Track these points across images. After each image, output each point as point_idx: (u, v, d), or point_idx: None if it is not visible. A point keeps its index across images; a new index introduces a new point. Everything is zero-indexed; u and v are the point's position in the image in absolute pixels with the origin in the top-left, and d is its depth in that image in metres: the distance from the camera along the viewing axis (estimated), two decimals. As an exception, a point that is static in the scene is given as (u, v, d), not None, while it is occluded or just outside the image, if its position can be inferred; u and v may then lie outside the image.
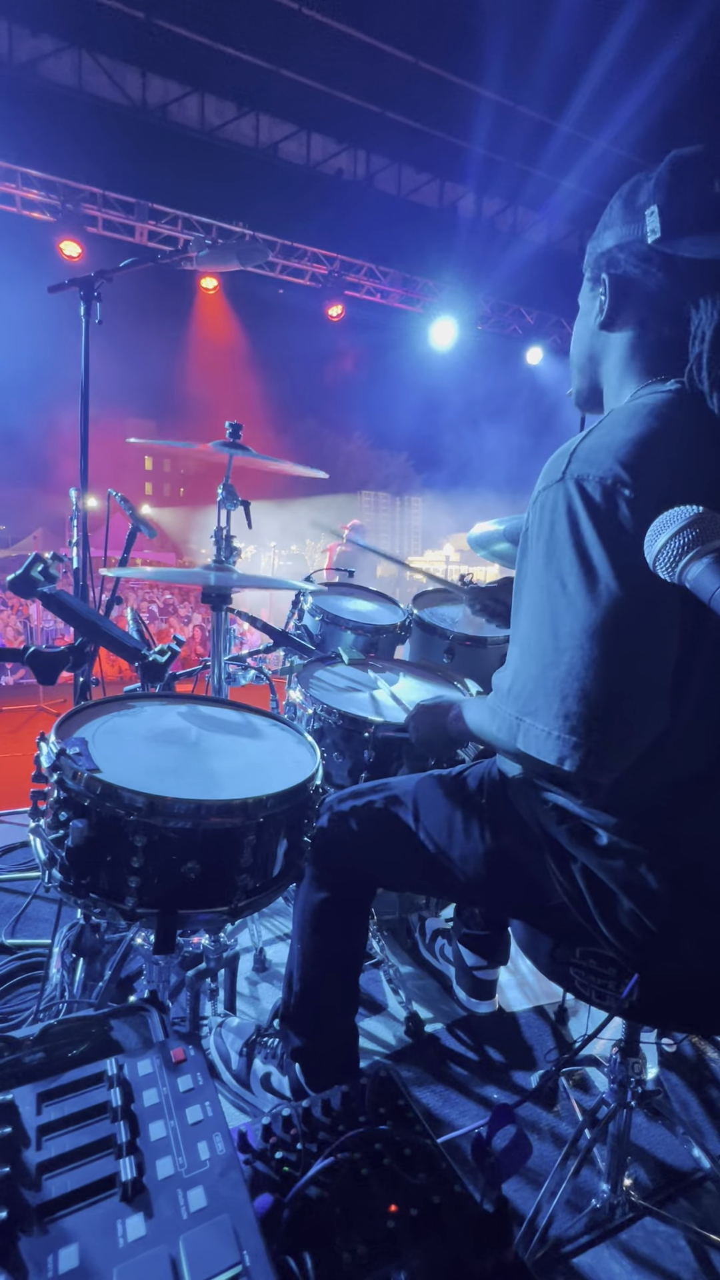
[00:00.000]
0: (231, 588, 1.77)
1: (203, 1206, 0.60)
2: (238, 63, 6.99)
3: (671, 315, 0.97)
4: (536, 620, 0.91)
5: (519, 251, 9.46)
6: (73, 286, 2.49)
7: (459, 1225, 0.72)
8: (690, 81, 6.30)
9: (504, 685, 0.97)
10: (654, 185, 0.95)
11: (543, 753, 0.89)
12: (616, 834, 0.99)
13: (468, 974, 1.79)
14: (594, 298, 1.04)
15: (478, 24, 6.11)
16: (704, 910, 0.96)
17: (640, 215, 0.95)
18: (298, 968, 1.33)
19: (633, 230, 0.96)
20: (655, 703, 0.88)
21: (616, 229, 0.99)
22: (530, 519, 0.95)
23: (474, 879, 1.16)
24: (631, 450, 0.87)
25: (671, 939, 0.97)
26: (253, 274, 9.05)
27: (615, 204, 1.01)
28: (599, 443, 0.90)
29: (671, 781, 0.95)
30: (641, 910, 0.97)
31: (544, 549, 0.90)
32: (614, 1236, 1.24)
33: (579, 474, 0.87)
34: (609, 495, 0.85)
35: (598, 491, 0.85)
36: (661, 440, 0.89)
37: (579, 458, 0.89)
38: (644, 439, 0.88)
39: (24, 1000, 1.68)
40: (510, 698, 0.95)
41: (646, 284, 0.97)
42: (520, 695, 0.93)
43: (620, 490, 0.84)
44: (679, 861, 0.96)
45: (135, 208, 7.82)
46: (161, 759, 1.19)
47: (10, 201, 7.47)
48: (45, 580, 1.29)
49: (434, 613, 2.45)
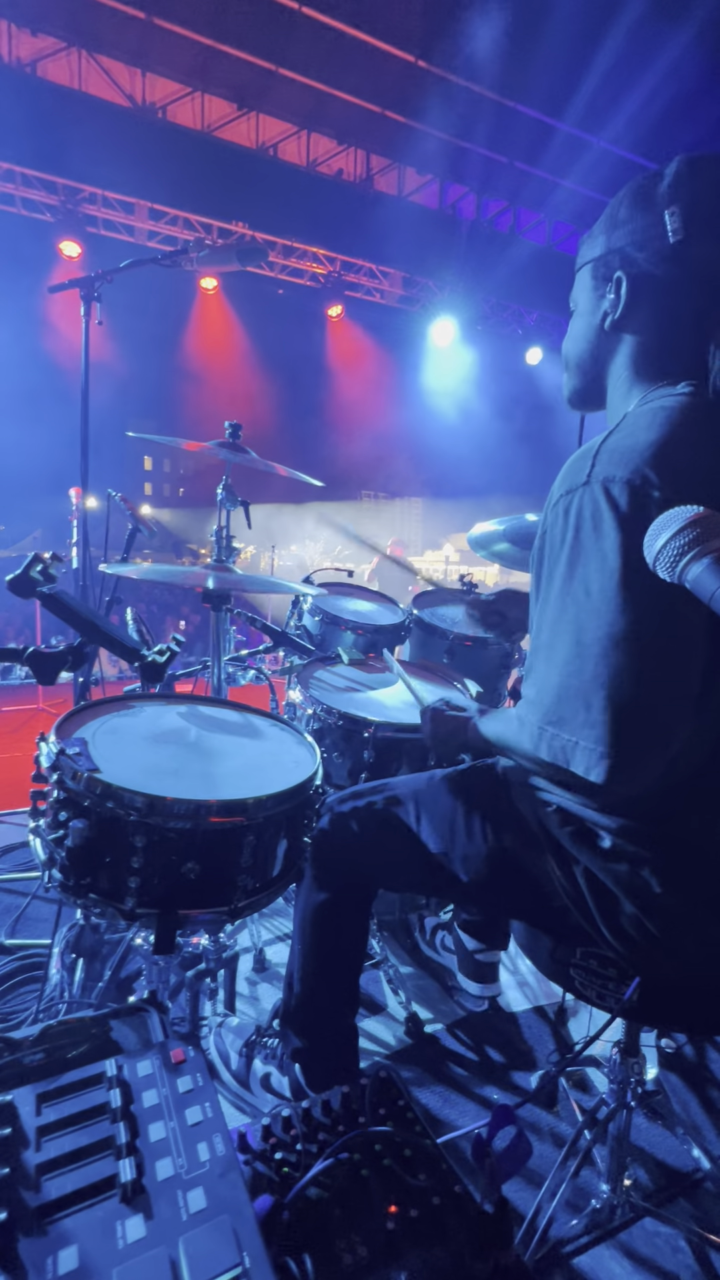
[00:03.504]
0: (231, 588, 1.77)
1: (202, 1208, 0.60)
2: (237, 62, 6.98)
3: (687, 316, 0.97)
4: (558, 628, 0.90)
5: (519, 251, 9.44)
6: (73, 286, 2.49)
7: (459, 1226, 0.72)
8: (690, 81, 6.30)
9: (529, 694, 0.96)
10: (671, 185, 0.94)
11: (569, 763, 0.88)
12: (620, 837, 0.98)
13: (469, 959, 1.79)
14: (599, 296, 1.04)
15: (478, 24, 6.10)
16: (706, 914, 0.96)
17: (659, 215, 0.94)
18: (298, 968, 1.33)
19: (651, 230, 0.95)
20: (682, 711, 0.86)
21: (629, 228, 0.98)
22: (550, 524, 0.93)
23: (475, 880, 1.16)
24: (657, 452, 0.86)
25: (673, 942, 0.97)
26: (253, 274, 9.04)
27: (624, 202, 0.99)
28: (622, 445, 0.89)
29: (677, 783, 0.94)
30: (643, 913, 0.97)
31: (568, 555, 0.89)
32: (614, 1237, 1.24)
33: (605, 476, 0.86)
34: (637, 497, 0.83)
35: (624, 494, 0.84)
36: (685, 443, 0.88)
37: (603, 460, 0.88)
38: (668, 441, 0.87)
39: (24, 1001, 1.68)
40: (534, 707, 0.93)
41: (665, 284, 0.96)
42: (543, 704, 0.91)
43: (649, 493, 0.83)
44: (682, 865, 0.96)
45: (135, 208, 7.83)
46: (161, 759, 1.19)
47: (10, 201, 7.47)
48: (45, 580, 1.28)
49: (434, 613, 2.45)
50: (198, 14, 6.43)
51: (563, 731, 0.88)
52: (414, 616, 2.39)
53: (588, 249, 1.06)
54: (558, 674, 0.89)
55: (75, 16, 6.57)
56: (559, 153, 7.74)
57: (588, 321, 1.07)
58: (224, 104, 7.67)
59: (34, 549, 1.30)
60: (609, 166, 7.71)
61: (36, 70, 6.90)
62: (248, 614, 2.19)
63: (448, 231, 9.19)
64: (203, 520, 14.56)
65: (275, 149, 8.13)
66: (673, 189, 0.94)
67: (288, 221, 8.41)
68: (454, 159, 8.35)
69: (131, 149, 7.28)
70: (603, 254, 1.02)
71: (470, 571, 5.94)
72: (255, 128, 7.96)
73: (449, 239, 9.18)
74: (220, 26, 6.57)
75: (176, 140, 7.55)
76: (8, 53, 6.72)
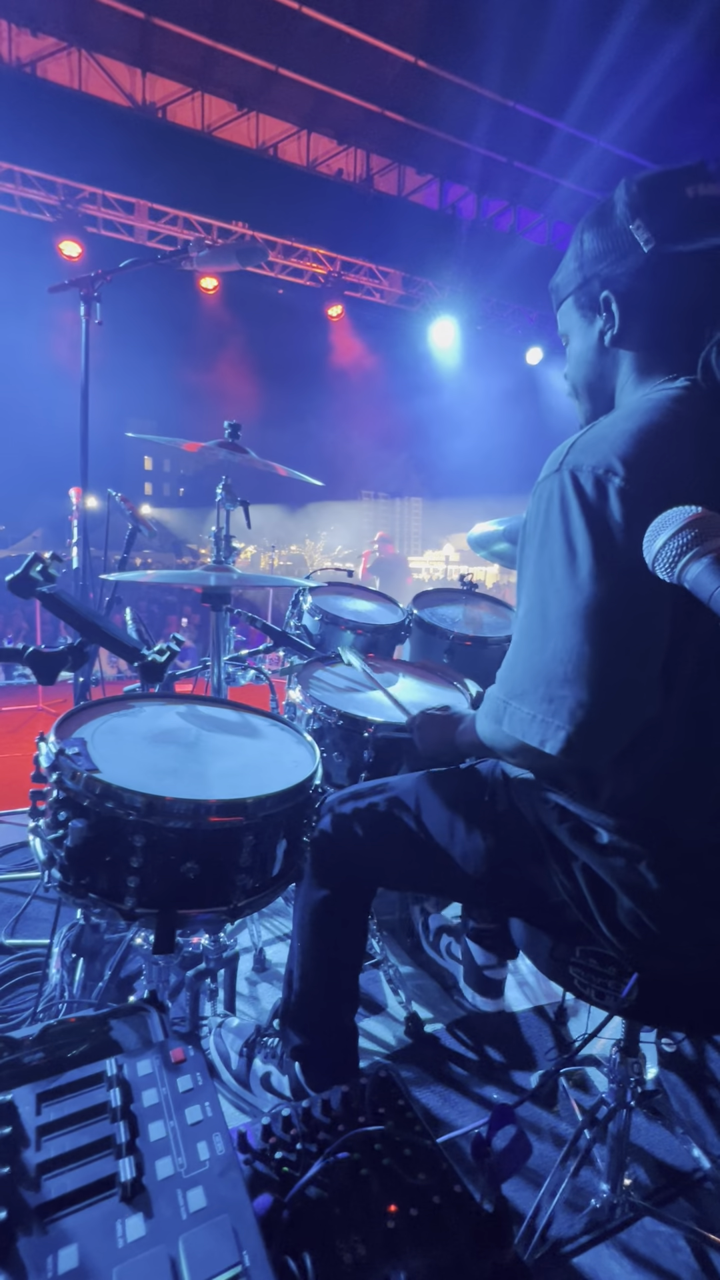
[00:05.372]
0: (231, 588, 1.77)
1: (202, 1207, 0.60)
2: (237, 62, 6.98)
3: (681, 313, 0.99)
4: (530, 608, 0.93)
5: (519, 251, 9.44)
6: (73, 286, 2.49)
7: (459, 1225, 0.72)
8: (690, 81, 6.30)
9: (500, 673, 1.00)
10: (627, 205, 0.99)
11: (525, 735, 0.91)
12: (616, 833, 0.99)
13: (476, 972, 1.79)
14: (590, 322, 1.07)
15: (477, 24, 6.10)
16: (704, 910, 0.96)
17: (625, 233, 0.99)
18: (298, 967, 1.33)
19: (623, 247, 1.00)
20: (642, 693, 0.88)
21: (599, 251, 1.02)
22: (529, 509, 0.97)
23: (475, 878, 1.16)
24: (628, 441, 0.88)
25: (671, 938, 0.97)
26: (253, 274, 9.05)
27: (585, 234, 1.04)
28: (599, 435, 0.92)
29: (670, 779, 0.95)
30: (641, 909, 0.97)
31: (538, 537, 0.93)
32: (614, 1236, 1.24)
33: (574, 464, 0.90)
34: (599, 486, 0.86)
35: (589, 482, 0.87)
36: (662, 432, 0.90)
37: (577, 449, 0.92)
38: (643, 430, 0.89)
39: (24, 1000, 1.68)
40: (502, 683, 0.98)
41: (652, 290, 1.00)
42: (509, 679, 0.95)
43: (611, 480, 0.86)
44: (679, 861, 0.96)
45: (135, 208, 7.83)
46: (161, 759, 1.19)
47: (10, 201, 7.47)
48: (44, 580, 1.28)
49: (434, 613, 2.45)
50: (198, 14, 6.43)
51: (523, 705, 0.91)
52: (414, 616, 2.39)
53: (564, 284, 1.10)
54: (524, 651, 0.93)
55: (75, 16, 6.58)
56: (559, 153, 7.74)
57: (585, 344, 1.10)
58: (224, 104, 7.68)
59: (34, 549, 1.30)
60: (609, 166, 7.71)
61: (36, 70, 6.91)
62: (248, 614, 2.19)
63: (448, 231, 9.20)
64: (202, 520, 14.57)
65: (275, 149, 8.13)
66: (629, 208, 0.99)
67: (288, 221, 8.42)
68: (454, 159, 8.35)
69: (131, 149, 7.28)
70: (582, 283, 1.06)
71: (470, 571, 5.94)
72: (255, 128, 7.96)
73: (449, 239, 9.19)
74: (220, 26, 6.57)
75: (176, 140, 7.55)
76: (8, 53, 6.72)
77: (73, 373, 2.54)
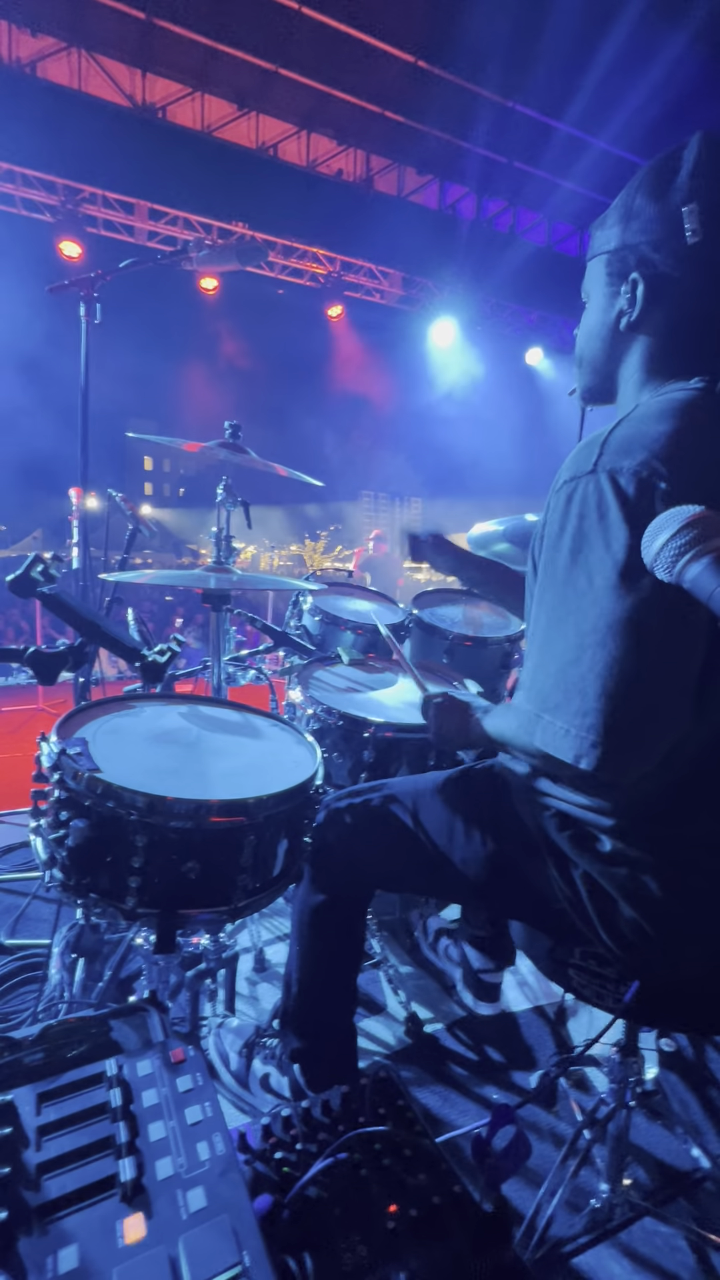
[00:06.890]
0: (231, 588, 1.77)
1: (202, 1207, 0.60)
2: (237, 63, 6.98)
3: (704, 315, 0.96)
4: (556, 616, 0.89)
5: (519, 251, 9.43)
6: (73, 287, 2.48)
7: (459, 1226, 0.72)
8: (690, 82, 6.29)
9: (526, 682, 0.95)
10: (690, 174, 0.92)
11: (560, 750, 0.87)
12: (620, 840, 0.97)
13: (473, 976, 1.78)
14: (614, 294, 1.02)
15: (477, 24, 6.09)
16: (705, 917, 0.96)
17: (675, 212, 0.92)
18: (296, 969, 1.33)
19: (667, 228, 0.93)
20: (678, 705, 0.86)
21: (644, 221, 0.96)
22: (552, 510, 0.93)
23: (474, 881, 1.16)
24: (666, 444, 0.85)
25: (671, 945, 0.97)
26: (252, 274, 9.04)
27: (640, 190, 0.97)
28: (631, 435, 0.88)
29: (677, 782, 0.93)
30: (642, 917, 0.97)
31: (570, 543, 0.88)
32: (614, 1236, 1.24)
33: (612, 466, 0.85)
34: (643, 488, 0.83)
35: (631, 484, 0.83)
36: (694, 436, 0.88)
37: (611, 449, 0.87)
38: (679, 433, 0.87)
39: (24, 1000, 1.68)
40: (530, 694, 0.93)
41: (682, 285, 0.95)
42: (539, 692, 0.91)
43: (656, 483, 0.82)
44: (682, 867, 0.95)
45: (135, 208, 7.82)
46: (162, 759, 1.19)
47: (10, 201, 7.46)
48: (45, 580, 1.28)
49: (434, 613, 2.45)
50: (198, 14, 6.42)
51: (557, 719, 0.88)
52: (414, 616, 2.39)
53: (601, 239, 1.03)
54: (555, 662, 0.89)
55: (75, 16, 6.58)
56: (559, 153, 7.74)
57: (602, 319, 1.05)
58: (224, 104, 7.68)
59: (34, 549, 1.30)
60: (609, 167, 7.71)
61: (36, 70, 6.91)
62: (248, 614, 2.19)
63: (447, 232, 9.19)
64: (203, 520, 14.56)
65: (275, 149, 8.13)
66: (692, 179, 0.92)
67: (288, 221, 8.41)
68: (454, 159, 8.35)
69: (131, 149, 7.28)
70: (617, 248, 1.00)
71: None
72: (255, 128, 7.96)
73: (449, 239, 9.18)
74: (220, 27, 6.57)
75: (176, 140, 7.55)
76: (8, 53, 6.72)
77: (73, 373, 2.54)
